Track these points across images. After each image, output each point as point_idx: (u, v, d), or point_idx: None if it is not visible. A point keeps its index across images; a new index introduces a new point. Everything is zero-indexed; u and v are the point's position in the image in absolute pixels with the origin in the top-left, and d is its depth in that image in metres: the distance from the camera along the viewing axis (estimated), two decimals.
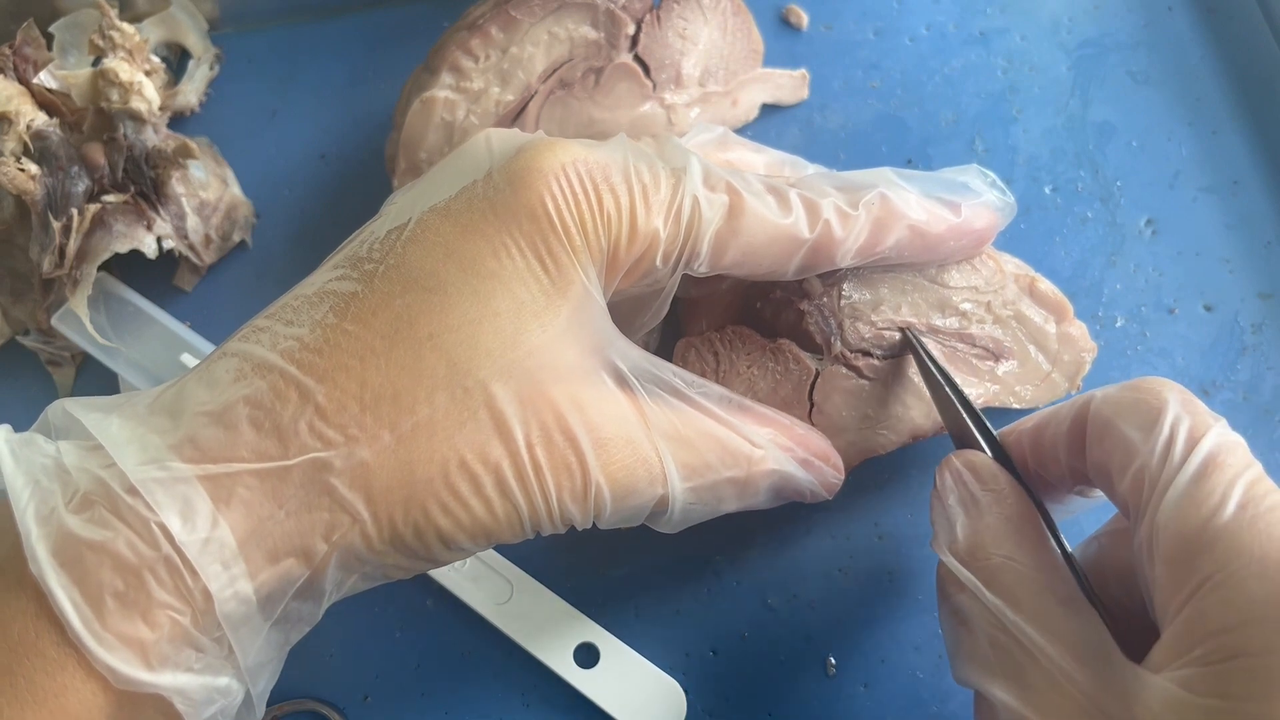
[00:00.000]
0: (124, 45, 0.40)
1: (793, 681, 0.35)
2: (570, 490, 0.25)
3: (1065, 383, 0.35)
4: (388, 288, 0.25)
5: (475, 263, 0.25)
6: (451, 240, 0.25)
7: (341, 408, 0.24)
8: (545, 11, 0.38)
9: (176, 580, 0.22)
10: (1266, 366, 0.38)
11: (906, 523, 0.37)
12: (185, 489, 0.23)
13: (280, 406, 0.24)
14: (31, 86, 0.38)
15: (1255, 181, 0.41)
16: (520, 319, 0.25)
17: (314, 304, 0.25)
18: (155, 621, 0.22)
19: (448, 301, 0.25)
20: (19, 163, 0.37)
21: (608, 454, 0.26)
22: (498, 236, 0.25)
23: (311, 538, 0.24)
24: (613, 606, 0.36)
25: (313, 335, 0.25)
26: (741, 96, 0.42)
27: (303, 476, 0.24)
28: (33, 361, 0.41)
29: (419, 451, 0.24)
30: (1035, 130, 0.42)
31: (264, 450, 0.24)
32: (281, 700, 0.35)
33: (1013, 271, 0.33)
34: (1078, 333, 0.34)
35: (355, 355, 0.24)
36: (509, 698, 0.35)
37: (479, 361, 0.24)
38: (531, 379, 0.25)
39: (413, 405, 0.24)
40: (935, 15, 0.45)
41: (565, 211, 0.26)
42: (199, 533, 0.23)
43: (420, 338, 0.24)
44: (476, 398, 0.24)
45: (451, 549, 0.25)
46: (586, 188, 0.26)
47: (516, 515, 0.25)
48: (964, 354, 0.33)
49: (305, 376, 0.24)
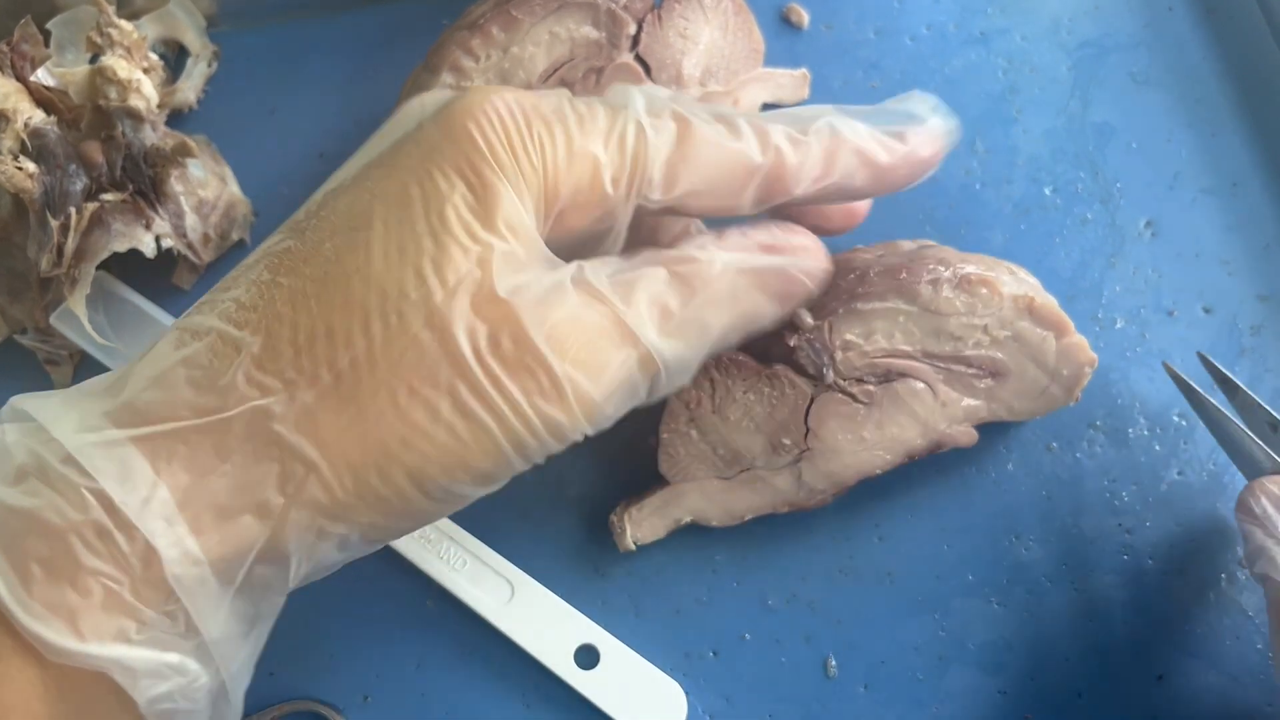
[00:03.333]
0: (122, 42, 0.39)
1: (793, 682, 0.35)
2: (539, 390, 0.24)
3: (1063, 395, 0.35)
4: (318, 236, 0.25)
5: (400, 193, 0.25)
6: (378, 181, 0.25)
7: (277, 354, 0.23)
8: (546, 11, 0.38)
9: (108, 545, 0.22)
10: (1265, 368, 0.38)
11: (906, 523, 0.37)
12: (121, 451, 0.22)
13: (217, 363, 0.23)
14: (29, 84, 0.38)
15: (1255, 183, 0.41)
16: (448, 235, 0.24)
17: (251, 268, 0.25)
18: (85, 588, 0.22)
19: (373, 235, 0.24)
20: (16, 161, 0.37)
21: (562, 339, 0.24)
22: (421, 167, 0.25)
23: (264, 491, 0.23)
24: (613, 606, 0.36)
25: (248, 294, 0.24)
26: (743, 96, 0.42)
27: (245, 428, 0.23)
28: (31, 360, 0.41)
29: (362, 386, 0.23)
30: (1035, 131, 0.42)
31: (203, 406, 0.23)
32: (281, 700, 0.35)
33: (1010, 293, 0.33)
34: (1078, 347, 0.34)
35: (288, 303, 0.24)
36: (509, 698, 0.35)
37: (410, 284, 0.24)
38: (466, 290, 0.24)
39: (348, 339, 0.23)
40: (936, 15, 0.45)
41: (493, 137, 0.25)
42: (138, 493, 0.22)
43: (348, 273, 0.24)
44: (413, 321, 0.24)
45: (428, 491, 0.24)
46: (515, 116, 0.25)
47: (487, 435, 0.24)
48: (960, 373, 0.33)
49: (239, 331, 0.24)
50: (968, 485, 0.37)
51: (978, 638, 0.35)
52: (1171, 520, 0.36)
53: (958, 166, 0.42)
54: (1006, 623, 0.35)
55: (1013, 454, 0.37)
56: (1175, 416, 0.38)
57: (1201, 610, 0.35)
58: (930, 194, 0.41)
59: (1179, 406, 0.38)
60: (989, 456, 0.37)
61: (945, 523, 0.37)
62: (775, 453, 0.34)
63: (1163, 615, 0.35)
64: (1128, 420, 0.38)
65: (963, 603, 0.36)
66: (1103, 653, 0.35)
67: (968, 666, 0.35)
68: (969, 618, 0.35)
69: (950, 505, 0.37)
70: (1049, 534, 0.36)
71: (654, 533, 0.35)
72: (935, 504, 0.37)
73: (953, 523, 0.37)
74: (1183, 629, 0.35)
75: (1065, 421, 0.37)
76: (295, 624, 0.36)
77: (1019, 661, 0.35)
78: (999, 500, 0.37)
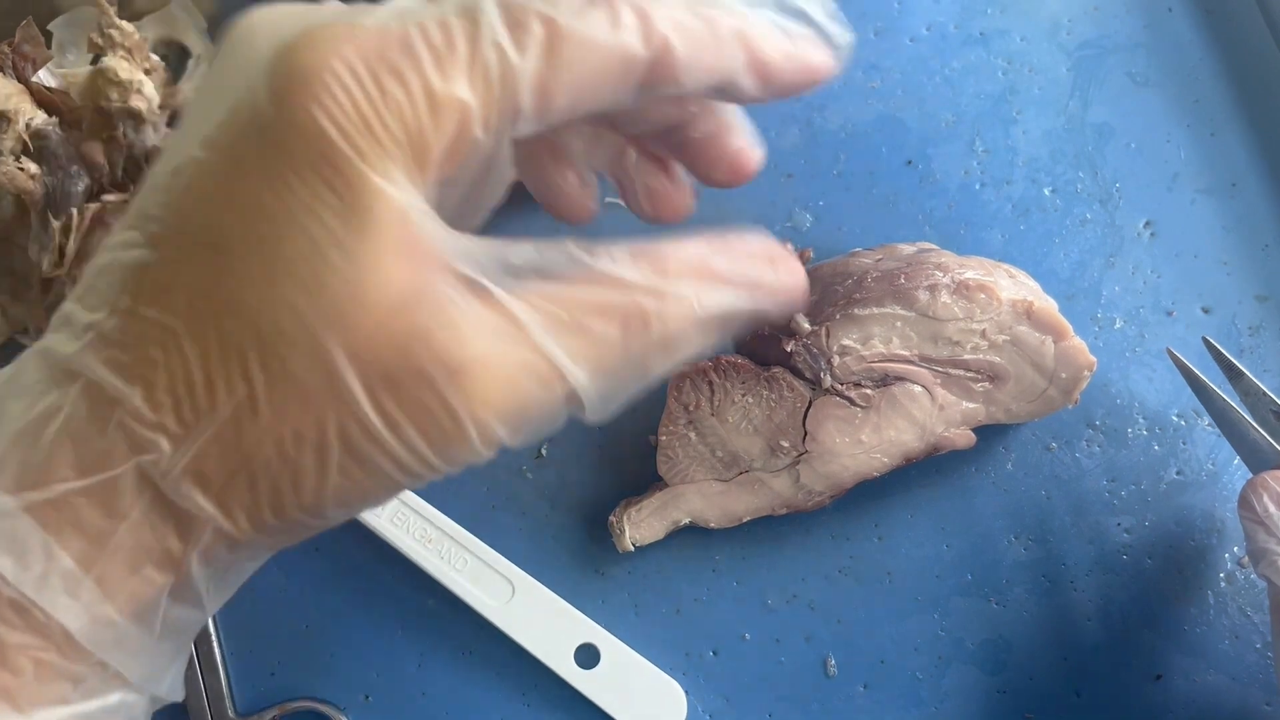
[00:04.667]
0: (123, 43, 0.40)
1: (793, 682, 0.35)
2: (439, 433, 0.22)
3: (1061, 397, 0.35)
4: (175, 254, 0.22)
5: (255, 207, 0.21)
6: (226, 183, 0.22)
7: (156, 405, 0.22)
8: None
9: (26, 619, 0.21)
10: (1264, 368, 0.38)
11: (906, 523, 0.37)
12: (12, 523, 0.21)
13: (94, 414, 0.22)
14: (30, 85, 0.38)
15: (1254, 184, 0.41)
16: (320, 257, 0.21)
17: (108, 278, 0.23)
18: (16, 666, 0.21)
19: (234, 260, 0.21)
20: (18, 162, 0.37)
21: (474, 377, 0.21)
22: (273, 168, 0.21)
23: (165, 540, 0.22)
24: (613, 606, 0.36)
25: (111, 324, 0.22)
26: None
27: (134, 484, 0.22)
28: None
29: (246, 435, 0.21)
30: (1035, 131, 0.42)
31: (86, 465, 0.22)
32: (281, 700, 0.35)
33: (1009, 298, 0.33)
34: (1077, 350, 0.34)
35: (158, 344, 0.22)
36: (509, 698, 0.35)
37: (286, 320, 0.21)
38: (353, 321, 0.21)
39: (229, 387, 0.21)
40: (936, 16, 0.45)
41: (343, 119, 0.21)
42: (34, 570, 0.21)
43: (218, 309, 0.21)
44: (295, 363, 0.21)
45: (329, 519, 0.23)
46: (363, 81, 0.21)
47: (382, 476, 0.22)
48: (958, 377, 0.34)
49: (113, 377, 0.22)
50: (967, 485, 0.37)
51: (977, 637, 0.35)
52: (1170, 520, 0.36)
53: (957, 166, 0.42)
54: (1006, 622, 0.35)
55: (1012, 454, 0.37)
56: (1174, 416, 0.38)
57: (1200, 610, 0.35)
58: (930, 194, 0.41)
59: (1178, 406, 0.38)
60: (988, 457, 0.37)
61: (945, 523, 0.37)
62: (773, 455, 0.34)
63: (1162, 615, 0.35)
64: (1127, 420, 0.38)
65: (962, 602, 0.36)
66: (1102, 652, 0.35)
67: (967, 666, 0.35)
68: (968, 617, 0.35)
69: (950, 505, 0.37)
70: (1048, 534, 0.36)
71: (653, 534, 0.36)
72: (935, 504, 0.37)
73: (952, 523, 0.37)
74: (1181, 629, 0.35)
75: (1064, 422, 0.37)
76: (295, 624, 0.36)
77: (1018, 661, 0.35)
78: (998, 500, 0.37)
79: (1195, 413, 0.38)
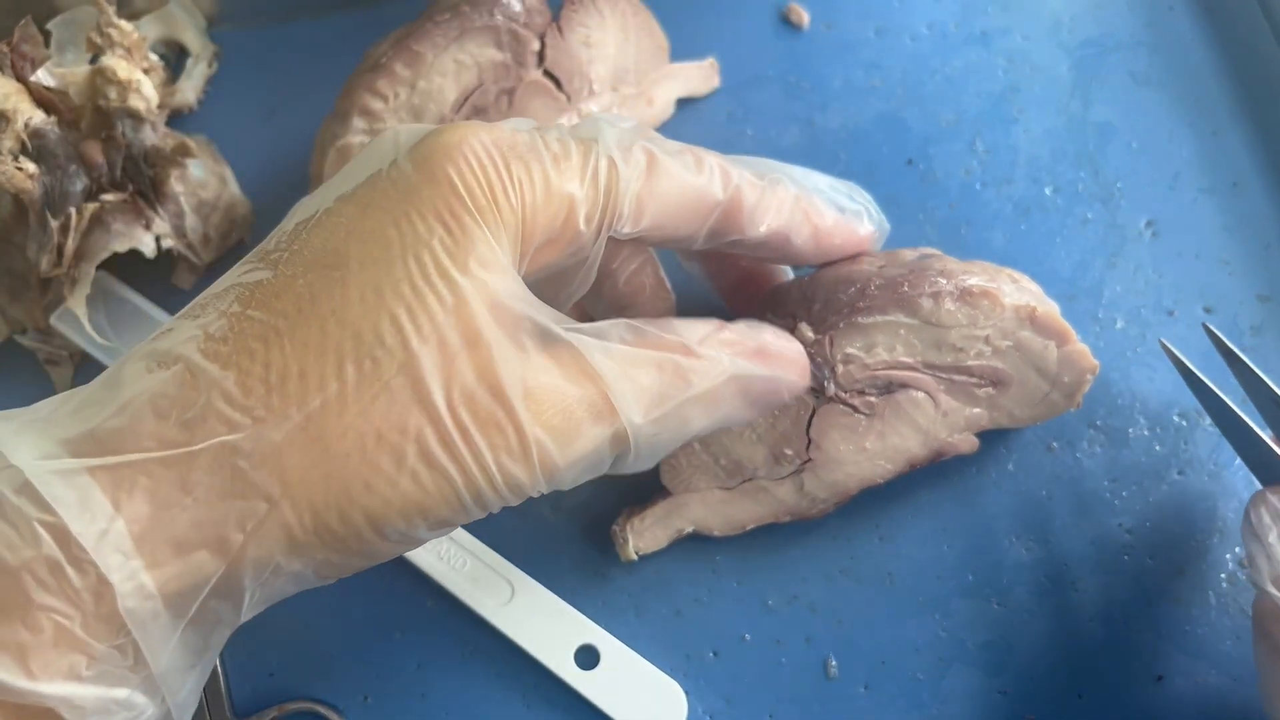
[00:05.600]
0: (122, 43, 0.39)
1: (793, 683, 0.35)
2: (505, 448, 0.24)
3: (1064, 401, 0.35)
4: (291, 271, 0.25)
5: (376, 234, 0.25)
6: (353, 219, 0.25)
7: (247, 391, 0.23)
8: (447, 40, 0.37)
9: (59, 580, 0.22)
10: (1266, 368, 0.38)
11: (907, 524, 0.37)
12: (80, 481, 0.22)
13: (183, 394, 0.23)
14: (29, 84, 0.38)
15: (1255, 183, 0.41)
16: (426, 281, 0.24)
17: (221, 297, 0.25)
18: (36, 625, 0.21)
19: (348, 275, 0.24)
20: (17, 161, 0.37)
21: (539, 402, 0.25)
22: (399, 207, 0.25)
23: (224, 527, 0.23)
24: (613, 606, 0.36)
25: (217, 324, 0.24)
26: (655, 94, 0.42)
27: (210, 462, 0.23)
28: (31, 360, 0.41)
29: (330, 428, 0.23)
30: (1036, 130, 0.42)
31: (168, 438, 0.23)
32: (282, 700, 0.35)
33: (1012, 304, 0.32)
34: (1080, 354, 0.34)
35: (259, 339, 0.24)
36: (509, 699, 0.35)
37: (385, 331, 0.24)
38: (445, 337, 0.24)
39: (320, 382, 0.23)
40: (936, 14, 0.45)
41: (472, 182, 0.25)
42: (95, 525, 0.22)
43: (324, 314, 0.24)
44: (387, 368, 0.24)
45: (385, 534, 0.24)
46: (494, 156, 0.25)
47: (449, 486, 0.24)
48: (961, 383, 0.33)
49: (209, 363, 0.23)
50: (968, 486, 0.37)
51: (978, 638, 0.35)
52: (1172, 520, 0.36)
53: (958, 166, 0.42)
54: (1007, 623, 0.35)
55: (1013, 454, 0.37)
56: (1176, 416, 0.38)
57: (1202, 611, 0.35)
58: (930, 194, 0.41)
59: (1180, 406, 0.38)
60: (989, 457, 0.37)
61: (945, 523, 0.37)
62: (777, 463, 0.34)
63: (1163, 616, 0.35)
64: (1128, 420, 0.38)
65: (963, 603, 0.36)
66: (1103, 653, 0.35)
67: (968, 667, 0.35)
68: (969, 618, 0.35)
69: (950, 506, 0.37)
70: (1049, 534, 0.36)
71: (656, 543, 0.36)
72: (935, 505, 0.37)
73: (953, 523, 0.37)
74: (1183, 630, 0.35)
75: (1066, 422, 0.37)
76: (295, 624, 0.36)
77: (1019, 662, 0.35)
78: (999, 500, 0.37)
79: (1197, 413, 0.37)
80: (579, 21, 0.39)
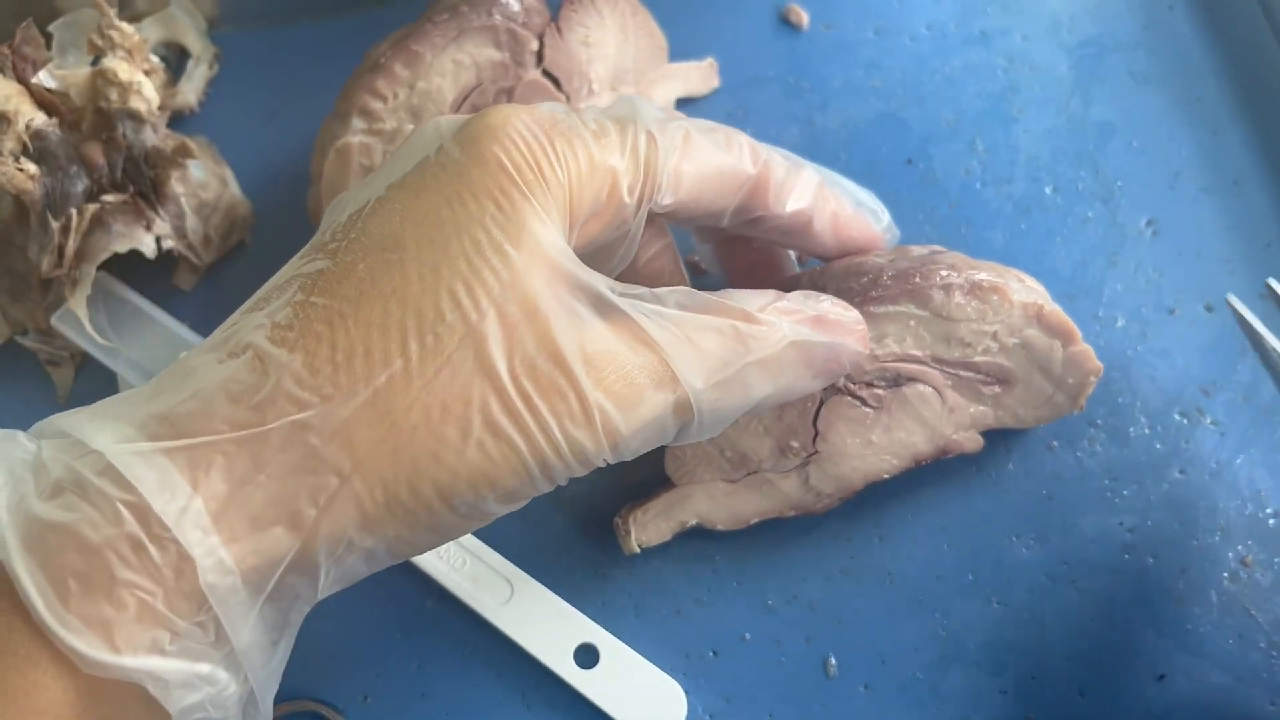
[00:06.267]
0: (123, 45, 0.40)
1: (793, 682, 0.35)
2: (568, 414, 0.25)
3: (1068, 403, 0.35)
4: (350, 258, 0.25)
5: (430, 216, 0.25)
6: (407, 204, 0.26)
7: (315, 371, 0.24)
8: (446, 40, 0.38)
9: (142, 557, 0.22)
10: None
11: (907, 523, 0.37)
12: (158, 462, 0.23)
13: (254, 378, 0.24)
14: (30, 86, 0.38)
15: (1255, 181, 0.41)
16: (481, 257, 0.25)
17: (283, 289, 0.26)
18: (120, 601, 0.22)
19: (406, 257, 0.25)
20: (18, 162, 0.37)
21: (600, 369, 0.25)
22: (450, 189, 0.26)
23: (298, 502, 0.24)
24: (613, 606, 0.36)
25: (283, 313, 0.25)
26: (655, 94, 0.42)
27: (282, 441, 0.23)
28: (32, 361, 0.41)
29: (397, 402, 0.24)
30: (1036, 130, 0.42)
31: (240, 420, 0.23)
32: (281, 700, 0.35)
33: (1020, 300, 0.33)
34: (1084, 355, 0.34)
35: (324, 322, 0.24)
36: (509, 698, 0.35)
37: (446, 305, 0.25)
38: (504, 310, 0.25)
39: (385, 359, 0.24)
40: (936, 14, 0.45)
41: (520, 160, 0.26)
42: (176, 502, 0.22)
43: (385, 294, 0.25)
44: (449, 342, 0.24)
45: (454, 506, 0.25)
46: (537, 135, 0.26)
47: (515, 454, 0.25)
48: (968, 380, 0.33)
49: (277, 349, 0.24)
50: (968, 485, 0.37)
51: (978, 638, 0.35)
52: (1173, 519, 0.36)
53: (958, 165, 0.42)
54: (1007, 622, 0.35)
55: (1013, 453, 0.37)
56: (1177, 415, 0.38)
57: (1203, 610, 0.35)
58: (930, 194, 0.41)
59: (1180, 405, 0.38)
60: (990, 456, 0.37)
61: (946, 522, 0.37)
62: (783, 455, 0.34)
63: (1164, 615, 0.35)
64: (1129, 419, 0.37)
65: (963, 603, 0.36)
66: (1104, 652, 0.35)
67: (968, 666, 0.35)
68: (969, 618, 0.35)
69: (951, 505, 0.37)
70: (1049, 533, 0.36)
71: (659, 536, 0.35)
72: (936, 504, 0.37)
73: (953, 522, 0.36)
74: (1184, 628, 0.35)
75: (1066, 421, 0.37)
76: None
77: (1020, 661, 0.35)
78: (999, 500, 0.37)
79: (1198, 411, 0.37)
80: (578, 21, 0.39)
